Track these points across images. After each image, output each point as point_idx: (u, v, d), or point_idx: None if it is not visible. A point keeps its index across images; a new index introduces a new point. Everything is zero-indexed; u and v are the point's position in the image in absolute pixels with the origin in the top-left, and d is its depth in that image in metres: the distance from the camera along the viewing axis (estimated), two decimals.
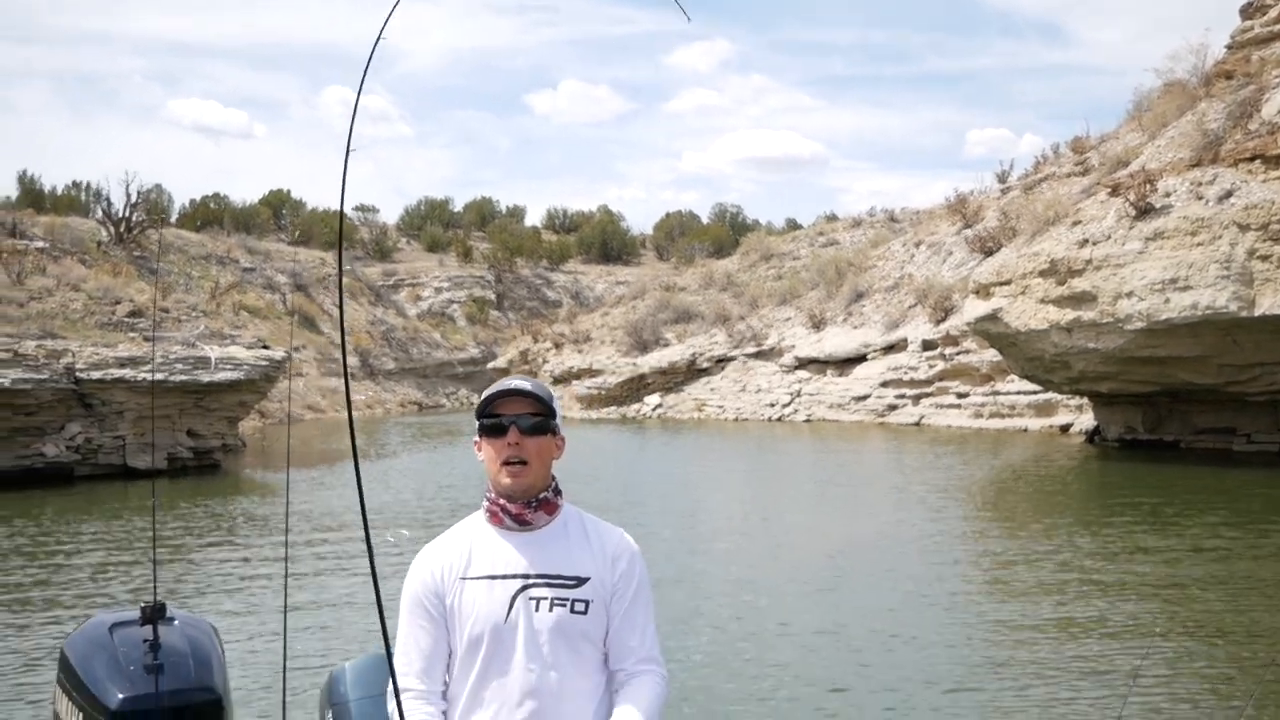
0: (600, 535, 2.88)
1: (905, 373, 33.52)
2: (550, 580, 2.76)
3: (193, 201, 63.71)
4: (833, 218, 57.60)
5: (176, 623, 3.43)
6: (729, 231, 71.94)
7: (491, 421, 2.80)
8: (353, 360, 50.01)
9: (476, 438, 2.85)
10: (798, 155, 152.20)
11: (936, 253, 38.75)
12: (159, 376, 21.73)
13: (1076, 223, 22.96)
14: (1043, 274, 22.26)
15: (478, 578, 2.75)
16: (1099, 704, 7.24)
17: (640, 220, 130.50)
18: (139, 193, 40.31)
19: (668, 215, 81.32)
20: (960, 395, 31.45)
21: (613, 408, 40.81)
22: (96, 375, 21.17)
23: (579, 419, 39.95)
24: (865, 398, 34.40)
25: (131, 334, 23.73)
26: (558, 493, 2.87)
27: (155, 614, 3.27)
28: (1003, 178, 40.95)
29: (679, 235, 74.71)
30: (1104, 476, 20.46)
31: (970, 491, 18.72)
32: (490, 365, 53.39)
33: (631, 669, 2.82)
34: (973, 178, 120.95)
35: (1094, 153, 32.60)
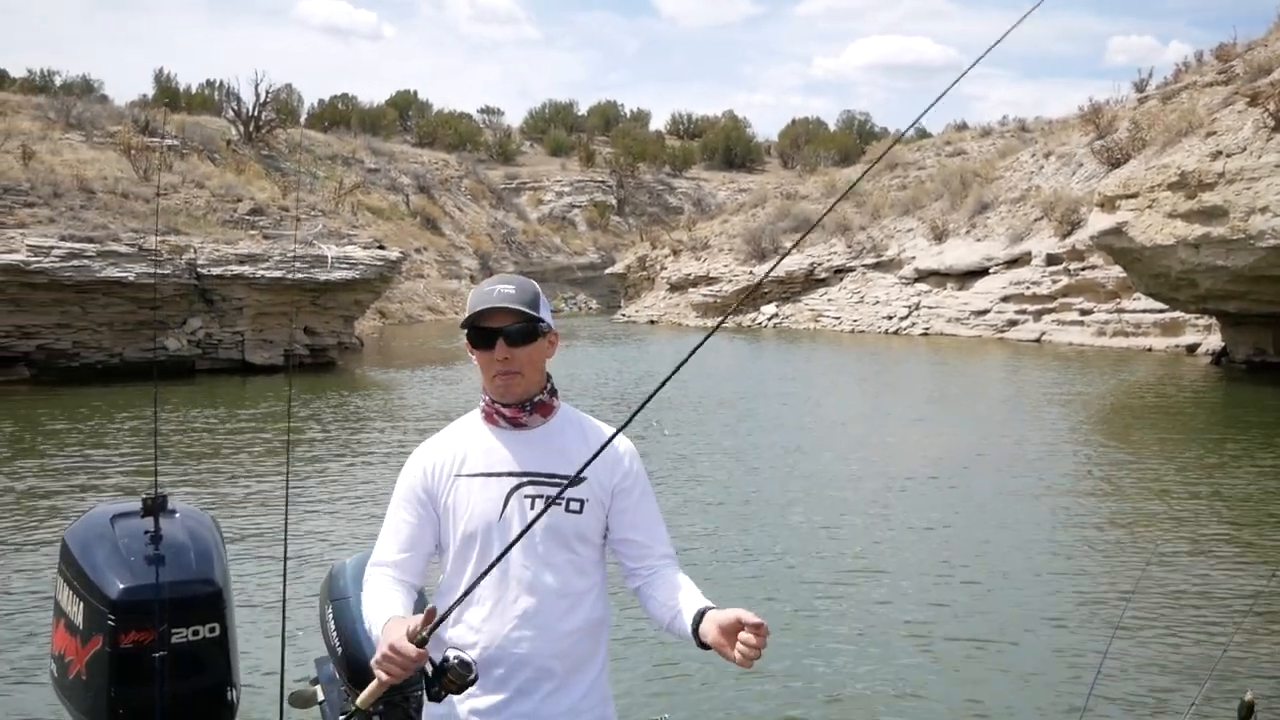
0: (597, 436, 2.82)
1: (1027, 287, 32.62)
2: (544, 479, 2.73)
3: (321, 101, 64.83)
4: (963, 127, 55.99)
5: (178, 515, 3.47)
6: (856, 140, 70.46)
7: (477, 333, 2.74)
8: (473, 262, 50.52)
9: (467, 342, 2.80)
10: (930, 62, 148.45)
11: (1066, 164, 37.47)
12: (276, 274, 22.23)
13: (1210, 134, 21.93)
14: (1171, 187, 21.33)
15: (472, 475, 2.74)
16: (1098, 613, 7.12)
17: (766, 127, 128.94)
18: (268, 92, 41.11)
19: (794, 122, 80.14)
20: (1083, 312, 30.53)
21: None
22: (216, 271, 21.76)
23: (694, 326, 39.92)
24: (985, 312, 33.65)
25: (252, 231, 24.25)
26: (553, 393, 2.84)
27: (156, 506, 3.33)
28: (1140, 87, 39.19)
29: (805, 143, 73.30)
30: (1223, 398, 19.70)
31: (1083, 409, 18.23)
32: (608, 270, 53.54)
33: (655, 564, 2.83)
34: (1111, 87, 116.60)
35: (1239, 61, 30.95)
